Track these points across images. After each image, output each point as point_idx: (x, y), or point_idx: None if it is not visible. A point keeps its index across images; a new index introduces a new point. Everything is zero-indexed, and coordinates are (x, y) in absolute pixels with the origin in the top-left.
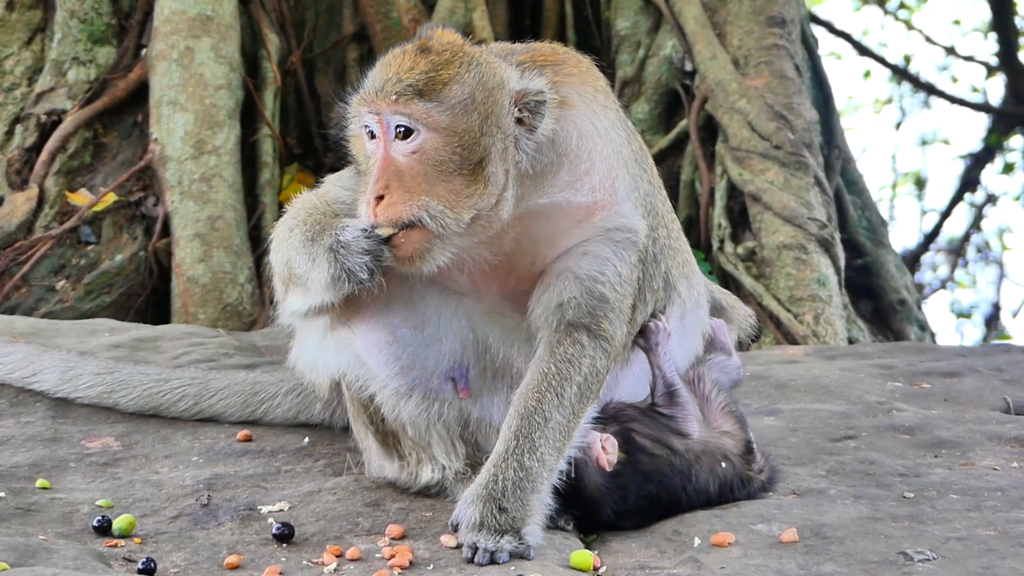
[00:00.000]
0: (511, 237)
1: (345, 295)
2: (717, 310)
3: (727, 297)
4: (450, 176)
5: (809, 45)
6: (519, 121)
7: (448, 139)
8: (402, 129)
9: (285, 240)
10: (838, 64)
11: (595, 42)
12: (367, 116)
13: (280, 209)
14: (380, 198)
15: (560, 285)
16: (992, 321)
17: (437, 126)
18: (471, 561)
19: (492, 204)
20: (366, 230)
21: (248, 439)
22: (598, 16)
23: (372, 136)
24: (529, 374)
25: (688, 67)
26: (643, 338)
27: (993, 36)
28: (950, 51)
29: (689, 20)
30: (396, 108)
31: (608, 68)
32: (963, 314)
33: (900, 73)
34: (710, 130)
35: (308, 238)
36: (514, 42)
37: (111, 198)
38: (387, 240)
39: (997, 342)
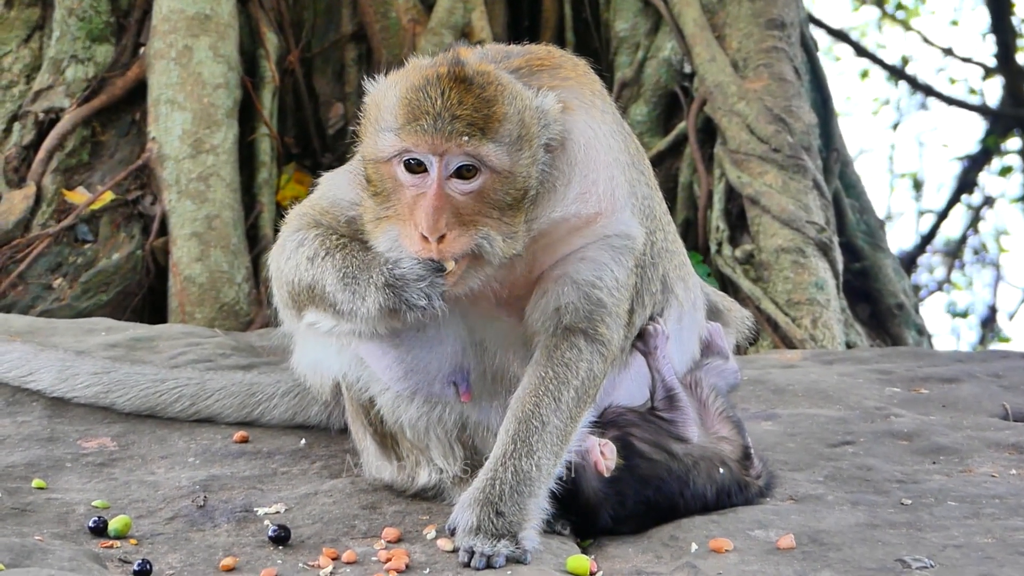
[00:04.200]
0: (523, 256)
1: (400, 324)
2: (714, 313)
3: (724, 300)
4: (502, 211)
5: (808, 48)
6: (545, 147)
7: (505, 180)
8: (464, 168)
9: (303, 263)
10: (836, 65)
11: (594, 43)
12: (421, 154)
13: (278, 209)
14: (441, 237)
15: (558, 290)
16: (988, 323)
17: (500, 167)
18: (467, 565)
19: (526, 234)
20: (419, 261)
21: (245, 440)
22: (597, 17)
23: (415, 169)
24: (526, 378)
25: (687, 69)
26: (642, 341)
27: (991, 37)
28: (948, 52)
29: (688, 22)
30: (466, 150)
31: (607, 70)
32: (959, 314)
33: (898, 74)
34: (709, 132)
35: (346, 269)
36: (513, 43)
37: (108, 196)
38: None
39: (995, 348)
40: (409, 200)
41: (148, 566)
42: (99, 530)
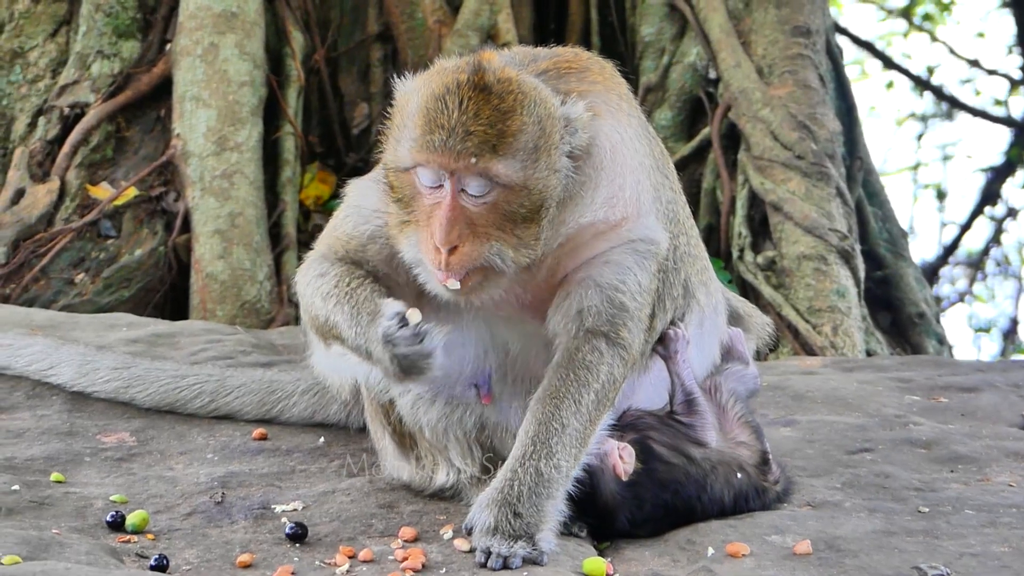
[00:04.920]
0: (547, 261)
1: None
2: (735, 318)
3: (744, 305)
4: (516, 223)
5: (834, 55)
6: (568, 154)
7: (520, 193)
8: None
9: (318, 301)
10: (861, 74)
11: (619, 48)
12: (433, 170)
13: (301, 208)
14: (453, 249)
15: (580, 292)
16: (1010, 335)
17: (512, 183)
18: (484, 565)
19: (545, 241)
20: (401, 338)
21: (264, 438)
22: (623, 22)
23: (432, 183)
24: (547, 380)
25: (712, 75)
26: (662, 345)
27: (1017, 50)
28: (974, 64)
29: (714, 28)
30: (476, 170)
31: (632, 74)
32: (982, 329)
33: (923, 85)
34: (733, 138)
35: (357, 322)
36: (539, 46)
37: (132, 192)
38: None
39: (1015, 358)
40: (427, 208)
41: (165, 561)
42: (116, 525)
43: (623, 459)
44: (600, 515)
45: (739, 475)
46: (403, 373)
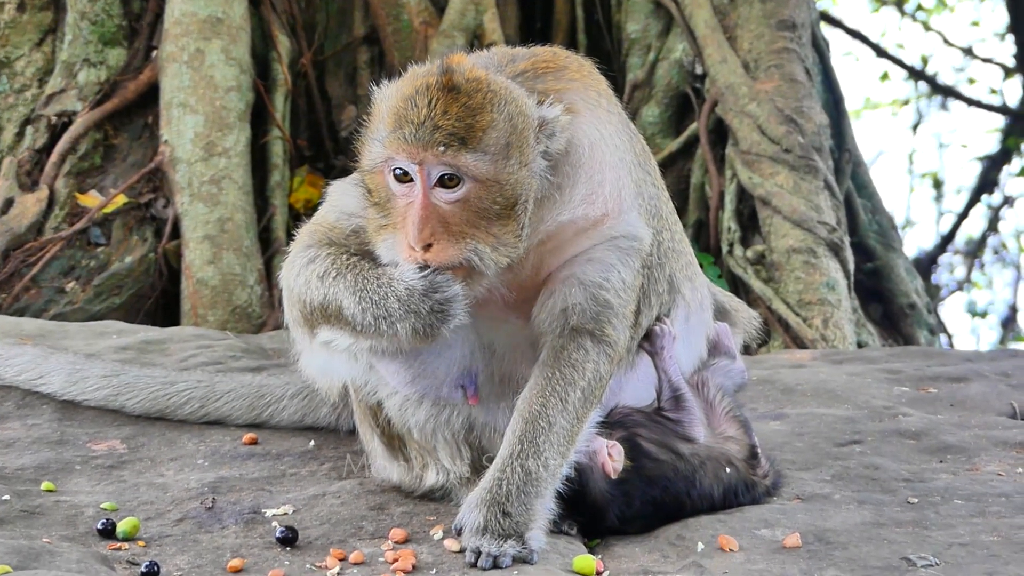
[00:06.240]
0: (530, 259)
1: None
2: (721, 313)
3: (731, 300)
4: (491, 220)
5: (820, 48)
6: (543, 154)
7: (491, 188)
8: (447, 177)
9: (314, 281)
10: (855, 65)
11: (605, 45)
12: (403, 162)
13: (290, 212)
14: (428, 246)
15: (564, 291)
16: (1008, 323)
17: (483, 176)
18: (474, 565)
19: (525, 240)
20: (441, 282)
21: (254, 442)
22: (609, 19)
23: (403, 179)
24: (533, 379)
25: (698, 71)
26: (649, 342)
27: (1011, 38)
28: (968, 52)
29: (700, 24)
30: (444, 159)
31: (618, 72)
32: (978, 314)
33: (917, 75)
34: (720, 134)
35: (362, 292)
36: (525, 45)
37: (121, 200)
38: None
39: (1014, 345)
40: (401, 209)
41: (156, 567)
42: (107, 532)
43: (612, 457)
44: (590, 513)
45: (728, 470)
46: (437, 323)
